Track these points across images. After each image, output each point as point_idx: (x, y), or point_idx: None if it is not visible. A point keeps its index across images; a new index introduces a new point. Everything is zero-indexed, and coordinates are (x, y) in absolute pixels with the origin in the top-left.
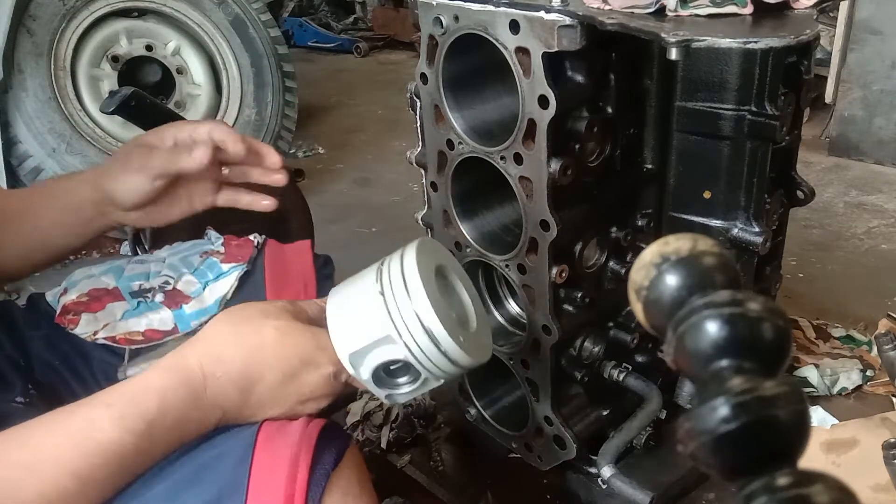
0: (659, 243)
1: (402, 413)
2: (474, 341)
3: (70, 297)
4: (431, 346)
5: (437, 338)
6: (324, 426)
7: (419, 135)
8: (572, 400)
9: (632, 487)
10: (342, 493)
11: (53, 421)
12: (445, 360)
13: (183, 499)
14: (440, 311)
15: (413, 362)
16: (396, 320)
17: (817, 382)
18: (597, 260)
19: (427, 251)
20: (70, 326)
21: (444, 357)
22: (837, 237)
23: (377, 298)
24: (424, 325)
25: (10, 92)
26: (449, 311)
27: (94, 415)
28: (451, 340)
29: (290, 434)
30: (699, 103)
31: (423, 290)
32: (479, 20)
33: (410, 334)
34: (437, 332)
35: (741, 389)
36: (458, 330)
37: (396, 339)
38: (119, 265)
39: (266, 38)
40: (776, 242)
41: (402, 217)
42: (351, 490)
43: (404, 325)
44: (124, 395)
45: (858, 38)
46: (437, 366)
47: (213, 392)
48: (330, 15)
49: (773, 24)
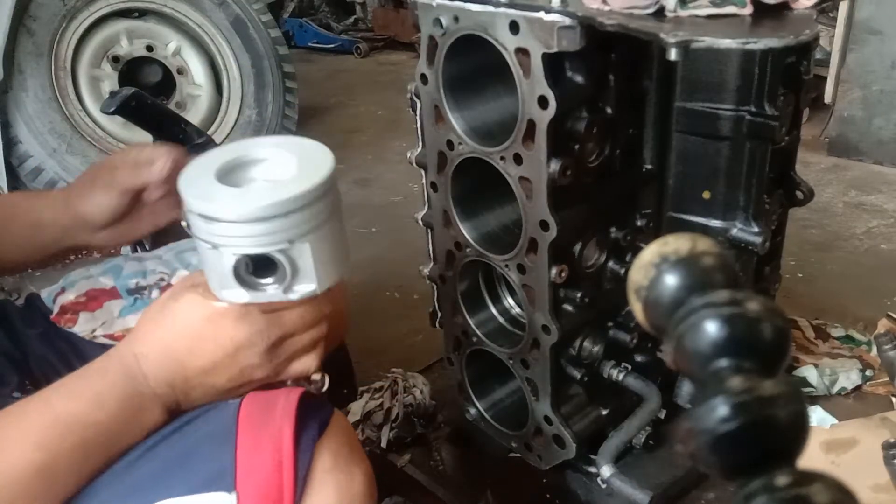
0: (658, 243)
1: (402, 413)
2: (289, 181)
3: (68, 298)
4: (236, 226)
5: (230, 215)
6: (302, 395)
7: (419, 135)
8: (572, 399)
9: (631, 487)
10: (332, 459)
11: (15, 405)
12: (258, 225)
13: (171, 483)
14: (215, 196)
15: (239, 248)
16: (206, 236)
17: (817, 382)
18: (596, 260)
19: (197, 169)
20: (68, 325)
21: (251, 223)
22: (837, 237)
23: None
24: (208, 215)
25: (10, 92)
26: (235, 192)
27: (47, 393)
28: (241, 207)
29: (270, 408)
30: (699, 103)
31: (191, 194)
32: (478, 21)
33: (217, 234)
34: (221, 211)
35: (740, 389)
36: (252, 193)
37: (217, 246)
38: (117, 264)
39: (266, 38)
40: (775, 242)
41: (402, 217)
42: (341, 455)
43: (209, 232)
44: (72, 376)
45: (858, 38)
46: (260, 232)
47: (147, 367)
48: (330, 15)
49: (772, 25)
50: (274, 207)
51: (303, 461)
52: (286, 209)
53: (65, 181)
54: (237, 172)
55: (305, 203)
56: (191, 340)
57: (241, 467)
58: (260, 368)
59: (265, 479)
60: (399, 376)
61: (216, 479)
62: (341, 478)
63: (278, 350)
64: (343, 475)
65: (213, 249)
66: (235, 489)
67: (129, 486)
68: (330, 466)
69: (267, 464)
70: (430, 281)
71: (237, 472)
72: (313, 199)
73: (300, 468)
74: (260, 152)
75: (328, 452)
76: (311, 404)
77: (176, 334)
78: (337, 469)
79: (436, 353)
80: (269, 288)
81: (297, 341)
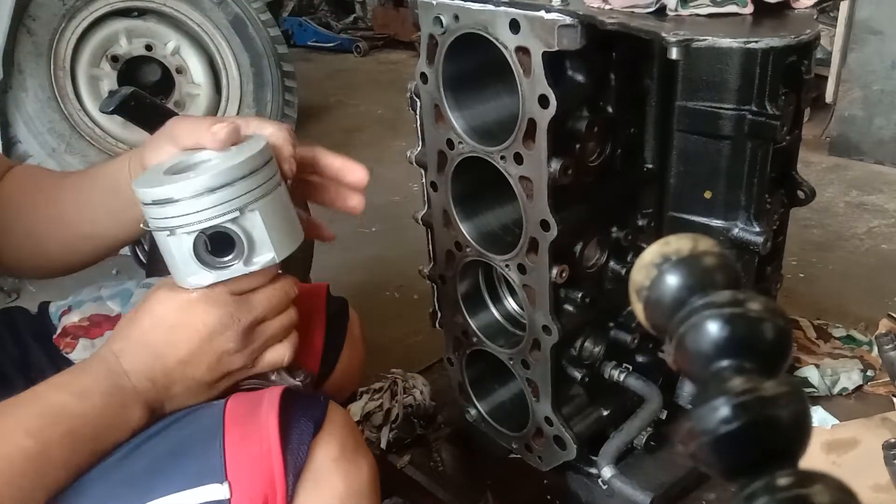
0: (659, 243)
1: (402, 414)
2: (227, 157)
3: (72, 320)
4: (184, 203)
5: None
6: (287, 390)
7: (419, 135)
8: (573, 400)
9: (632, 488)
10: (339, 449)
11: (7, 400)
12: (204, 197)
13: (165, 480)
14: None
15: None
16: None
17: (818, 382)
18: (597, 260)
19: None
20: (66, 350)
21: (197, 197)
22: (838, 237)
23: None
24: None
25: (9, 92)
26: (179, 177)
27: (37, 388)
28: (182, 184)
29: (255, 404)
30: (700, 103)
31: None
32: (479, 20)
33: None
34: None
35: (742, 389)
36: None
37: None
38: (127, 288)
39: (266, 37)
40: (777, 242)
41: (402, 217)
42: (348, 446)
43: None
44: (58, 374)
45: (858, 38)
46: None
47: (126, 363)
48: (330, 14)
49: (773, 24)
50: (218, 177)
51: (295, 451)
52: (230, 178)
53: None
54: (184, 170)
55: (247, 171)
56: (166, 332)
57: (231, 458)
58: (237, 355)
59: (255, 468)
60: (399, 377)
61: (207, 473)
62: (349, 467)
63: (252, 335)
64: (351, 465)
65: (170, 236)
66: (227, 479)
67: (120, 482)
68: (337, 456)
69: (255, 453)
70: (430, 281)
71: (227, 464)
72: (253, 167)
73: (290, 456)
74: (205, 154)
75: (335, 443)
76: (301, 398)
77: (151, 328)
78: (344, 459)
79: (436, 353)
80: (230, 265)
81: (268, 327)
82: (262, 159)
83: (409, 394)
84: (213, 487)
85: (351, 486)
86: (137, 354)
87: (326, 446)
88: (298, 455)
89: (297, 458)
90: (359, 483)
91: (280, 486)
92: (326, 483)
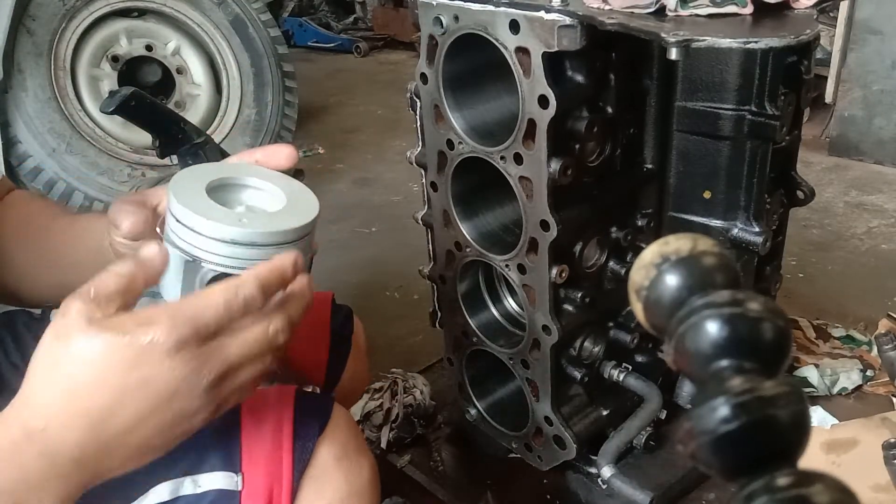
0: (659, 243)
1: (402, 413)
2: (284, 213)
3: None
4: (225, 245)
5: (219, 233)
6: (297, 389)
7: (419, 135)
8: (572, 400)
9: (632, 487)
10: (341, 449)
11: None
12: (248, 249)
13: (186, 459)
14: (210, 212)
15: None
16: (188, 248)
17: (817, 382)
18: (597, 260)
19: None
20: None
21: (241, 246)
22: (837, 237)
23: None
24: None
25: (10, 92)
26: (228, 212)
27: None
28: (232, 228)
29: (268, 399)
30: (699, 103)
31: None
32: (479, 20)
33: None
34: (216, 230)
35: (741, 389)
36: (246, 217)
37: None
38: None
39: (266, 37)
40: (776, 242)
41: (402, 217)
42: (350, 446)
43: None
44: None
45: (858, 38)
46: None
47: (45, 446)
48: (330, 15)
49: (773, 24)
50: (270, 236)
51: (301, 449)
52: (279, 240)
53: (64, 181)
54: (226, 193)
55: (296, 238)
56: (111, 395)
57: (246, 451)
58: (197, 414)
59: (266, 462)
60: (399, 377)
61: (227, 461)
62: (351, 467)
63: (218, 388)
64: (353, 464)
65: (191, 262)
66: (241, 471)
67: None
68: (340, 455)
69: (268, 448)
70: (430, 281)
71: (242, 455)
72: (302, 235)
73: (297, 454)
74: (249, 180)
75: (338, 442)
76: (309, 398)
77: (88, 391)
78: (346, 458)
79: (436, 353)
80: None
81: (239, 375)
82: (312, 228)
83: (409, 394)
84: (228, 475)
85: (352, 486)
86: (64, 431)
87: (330, 446)
88: (304, 453)
89: (304, 456)
90: (360, 483)
91: (287, 482)
92: (329, 481)
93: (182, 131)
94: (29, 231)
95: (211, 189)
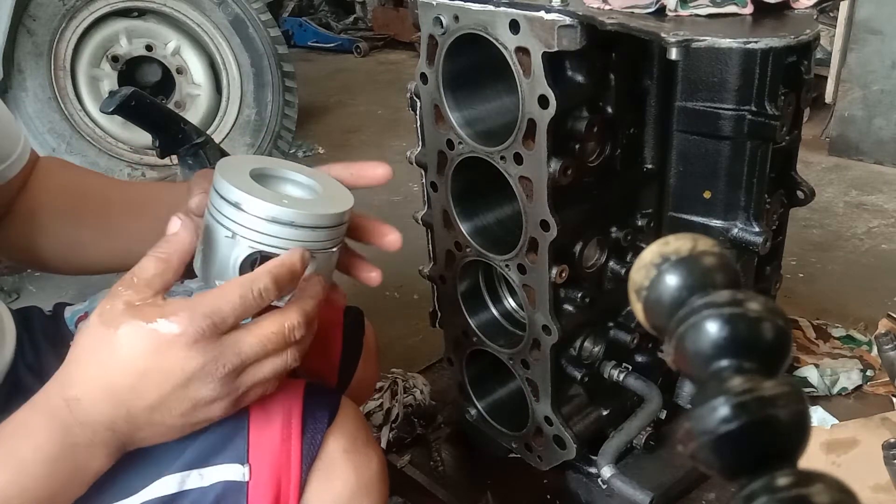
0: (659, 243)
1: (402, 413)
2: (322, 201)
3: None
4: (265, 223)
5: (261, 210)
6: (307, 384)
7: (419, 135)
8: (572, 400)
9: (632, 487)
10: (350, 442)
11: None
12: (285, 228)
13: (194, 451)
14: (253, 191)
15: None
16: (229, 224)
17: (817, 382)
18: (597, 260)
19: (234, 164)
20: None
21: (280, 225)
22: (837, 237)
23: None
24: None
25: (9, 92)
26: (270, 192)
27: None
28: (274, 206)
29: (278, 391)
30: (699, 103)
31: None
32: (479, 20)
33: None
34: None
35: (741, 389)
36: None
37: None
38: None
39: (266, 37)
40: (776, 242)
41: (402, 217)
42: (359, 439)
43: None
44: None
45: (858, 38)
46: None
47: (82, 414)
48: (330, 15)
49: (773, 24)
50: (311, 218)
51: (310, 441)
52: (317, 223)
53: None
54: (268, 181)
55: (332, 224)
56: (135, 377)
57: (253, 442)
58: (216, 403)
59: (274, 454)
60: (399, 377)
61: (232, 452)
62: (359, 460)
63: (235, 382)
64: (361, 457)
65: (230, 238)
66: (248, 462)
67: (143, 455)
68: (349, 448)
69: (276, 440)
70: (430, 281)
71: (249, 447)
72: (338, 223)
73: (305, 446)
74: (289, 173)
75: (347, 435)
76: (318, 390)
77: (117, 371)
78: (355, 451)
79: (436, 353)
80: None
81: (257, 371)
82: (346, 217)
83: (409, 393)
84: (234, 467)
85: (361, 478)
86: (97, 404)
87: (339, 438)
88: (313, 445)
89: (312, 448)
90: (368, 475)
91: (295, 474)
92: (338, 474)
93: (182, 131)
94: (86, 204)
95: (254, 175)
